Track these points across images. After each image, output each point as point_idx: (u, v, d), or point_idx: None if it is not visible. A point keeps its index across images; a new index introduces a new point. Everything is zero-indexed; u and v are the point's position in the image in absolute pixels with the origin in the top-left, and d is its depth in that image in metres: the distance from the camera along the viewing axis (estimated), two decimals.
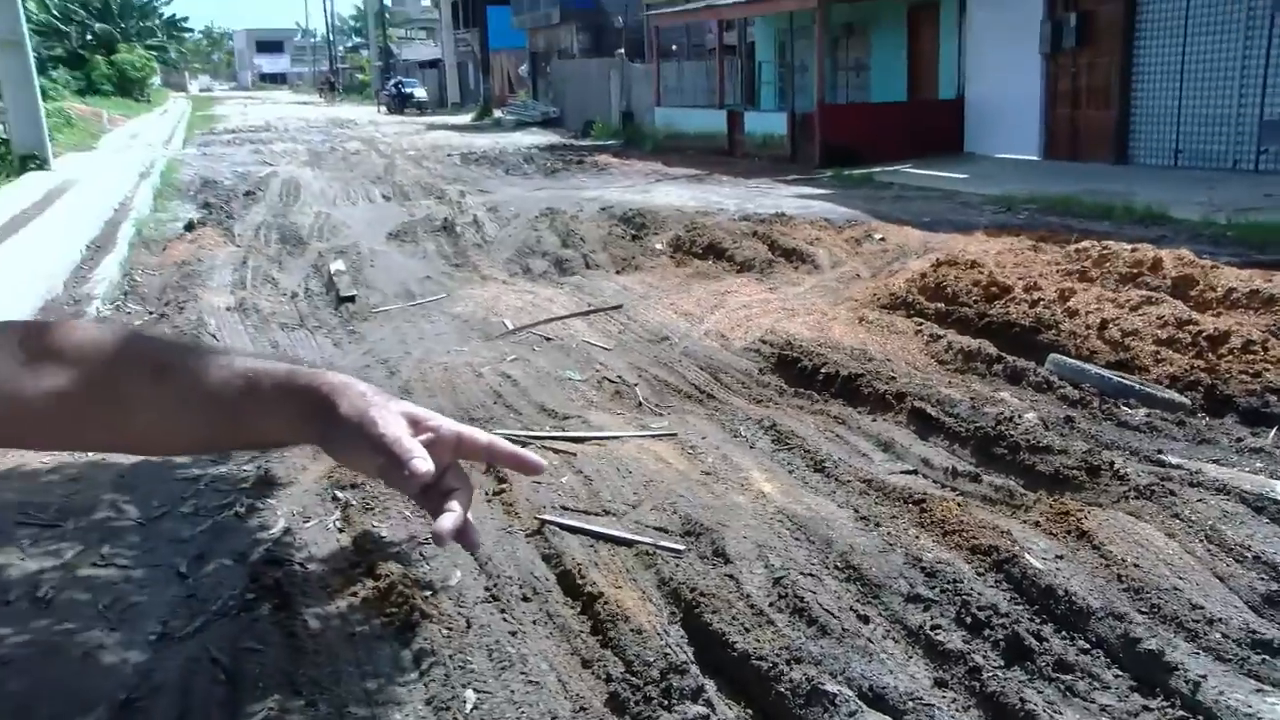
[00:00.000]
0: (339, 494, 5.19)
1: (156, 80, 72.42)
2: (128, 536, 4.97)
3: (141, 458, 5.17)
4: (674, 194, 18.09)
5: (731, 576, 4.28)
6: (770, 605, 4.07)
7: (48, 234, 13.23)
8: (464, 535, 1.10)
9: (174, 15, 79.05)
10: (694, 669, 3.68)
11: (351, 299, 9.87)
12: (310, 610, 4.17)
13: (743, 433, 5.96)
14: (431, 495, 1.12)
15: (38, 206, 15.63)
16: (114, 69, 57.89)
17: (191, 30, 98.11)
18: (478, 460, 1.19)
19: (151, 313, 9.53)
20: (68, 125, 29.71)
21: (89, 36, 61.03)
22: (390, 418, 1.12)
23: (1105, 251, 9.01)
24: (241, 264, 11.73)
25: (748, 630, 3.88)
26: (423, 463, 1.08)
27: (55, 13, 57.45)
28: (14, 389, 1.09)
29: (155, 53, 68.68)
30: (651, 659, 3.75)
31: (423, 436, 1.13)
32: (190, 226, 14.38)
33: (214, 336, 8.53)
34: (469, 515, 1.12)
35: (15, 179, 18.94)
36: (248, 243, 13.32)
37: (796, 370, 7.03)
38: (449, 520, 1.09)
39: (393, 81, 61.17)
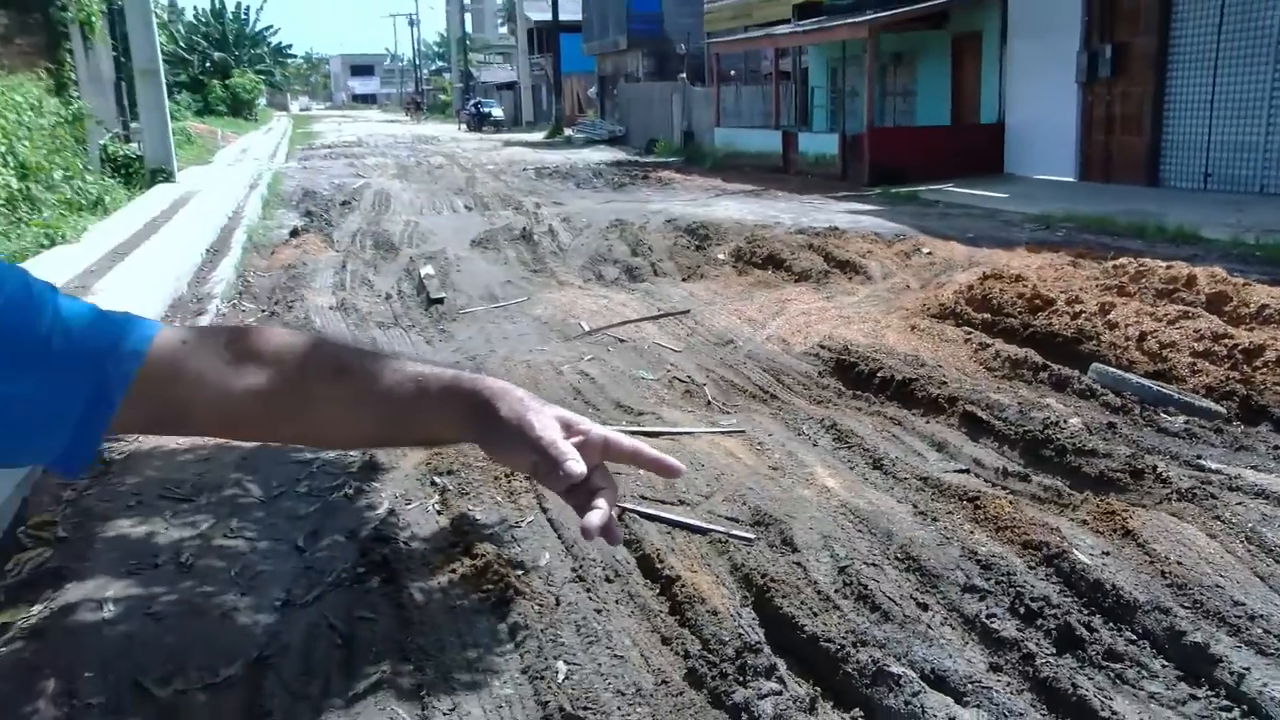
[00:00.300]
0: (437, 479, 5.22)
1: (263, 101, 73.36)
2: (252, 512, 5.05)
3: (260, 444, 5.22)
4: (733, 208, 18.03)
5: (799, 564, 4.27)
6: (836, 592, 4.05)
7: (174, 239, 13.44)
8: (609, 531, 1.11)
9: (280, 43, 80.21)
10: (766, 649, 3.67)
11: (440, 300, 9.93)
12: (415, 584, 4.20)
13: (805, 431, 5.94)
14: (579, 493, 1.13)
15: (165, 215, 15.89)
16: (228, 92, 59.11)
17: (294, 56, 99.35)
18: (624, 462, 1.20)
19: (263, 310, 9.65)
20: (188, 142, 30.28)
21: (208, 64, 62.37)
22: (546, 421, 1.15)
23: (1141, 268, 8.87)
24: (341, 267, 11.85)
25: (815, 614, 3.86)
26: (575, 464, 1.10)
27: (182, 44, 58.86)
28: (224, 388, 1.14)
29: (263, 76, 69.83)
30: (726, 638, 3.74)
31: (574, 439, 1.15)
32: (295, 233, 14.52)
33: (320, 333, 8.62)
34: (613, 512, 1.13)
35: (147, 190, 19.33)
36: (345, 248, 13.43)
37: (854, 374, 6.99)
38: (596, 517, 1.10)
39: (472, 102, 61.53)
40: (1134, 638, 3.71)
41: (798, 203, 19.03)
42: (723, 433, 5.88)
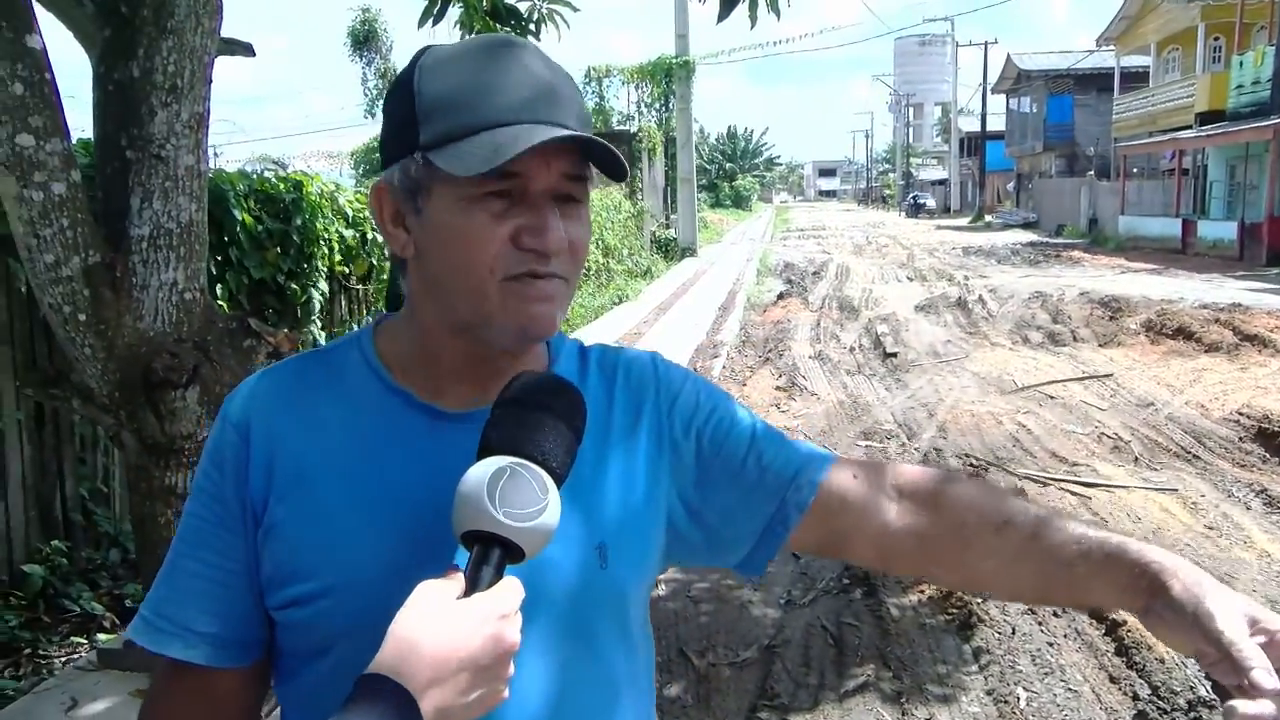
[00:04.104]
0: None
1: (755, 196, 75.80)
2: None
3: None
4: (1138, 283, 15.90)
5: None
6: None
7: (697, 299, 13.97)
8: None
9: (772, 156, 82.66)
10: (1220, 705, 2.94)
11: (894, 355, 9.45)
12: (890, 600, 3.84)
13: (1236, 494, 4.91)
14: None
15: (690, 281, 16.66)
16: (733, 190, 61.96)
17: (780, 164, 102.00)
18: None
19: (760, 356, 9.66)
20: (705, 227, 31.71)
21: (721, 171, 65.85)
22: (1230, 614, 0.77)
23: None
24: (816, 324, 11.68)
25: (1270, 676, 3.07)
26: (1266, 676, 0.72)
27: (705, 158, 62.55)
28: (884, 524, 0.91)
29: (757, 179, 72.26)
30: (1177, 688, 3.07)
31: (1258, 638, 0.76)
32: (780, 296, 14.58)
33: (803, 376, 8.45)
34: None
35: (679, 262, 20.63)
36: (818, 309, 13.26)
37: (1278, 442, 5.73)
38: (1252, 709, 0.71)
39: (911, 195, 59.71)
40: None
41: (1198, 280, 16.44)
42: (1156, 489, 4.99)
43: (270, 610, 0.83)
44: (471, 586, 0.67)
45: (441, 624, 0.64)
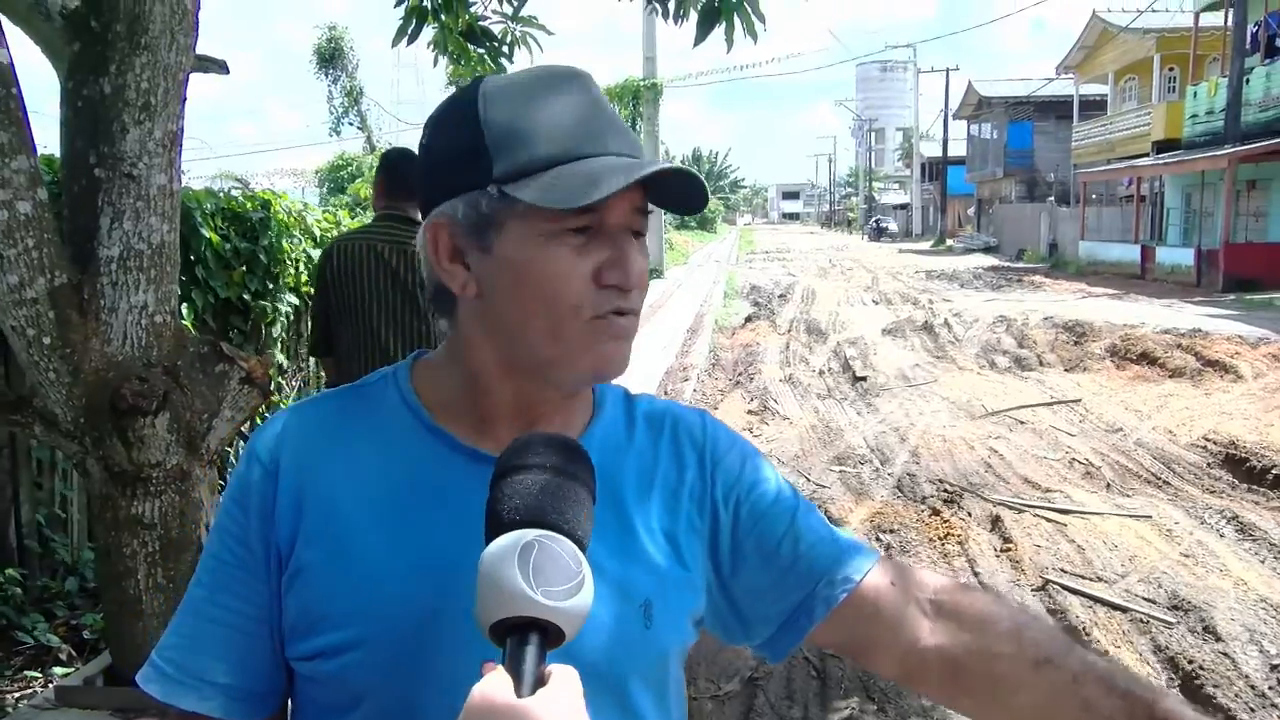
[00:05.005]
0: (880, 536, 4.81)
1: (720, 218, 76.32)
2: None
3: None
4: (1100, 308, 16.14)
5: (1226, 655, 3.46)
6: (1270, 689, 3.23)
7: (665, 322, 13.98)
8: None
9: (737, 178, 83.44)
10: None
11: (864, 378, 9.50)
12: None
13: (1208, 520, 4.96)
14: None
15: (658, 303, 16.63)
16: (698, 213, 62.08)
17: (745, 186, 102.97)
18: None
19: (730, 379, 9.66)
20: (670, 249, 31.73)
21: None
22: None
23: None
24: (785, 348, 11.70)
25: (1253, 710, 3.09)
26: None
27: None
28: (913, 641, 0.84)
29: (722, 200, 72.71)
30: None
31: None
32: (748, 319, 14.61)
33: (775, 400, 8.45)
34: None
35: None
36: (785, 332, 13.29)
37: (1245, 468, 5.82)
38: None
39: (873, 219, 60.43)
40: None
41: (1158, 306, 16.73)
42: (1130, 516, 5.02)
43: (292, 661, 0.78)
44: (519, 681, 0.59)
45: None
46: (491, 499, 0.66)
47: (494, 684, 0.59)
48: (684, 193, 0.79)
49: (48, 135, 3.02)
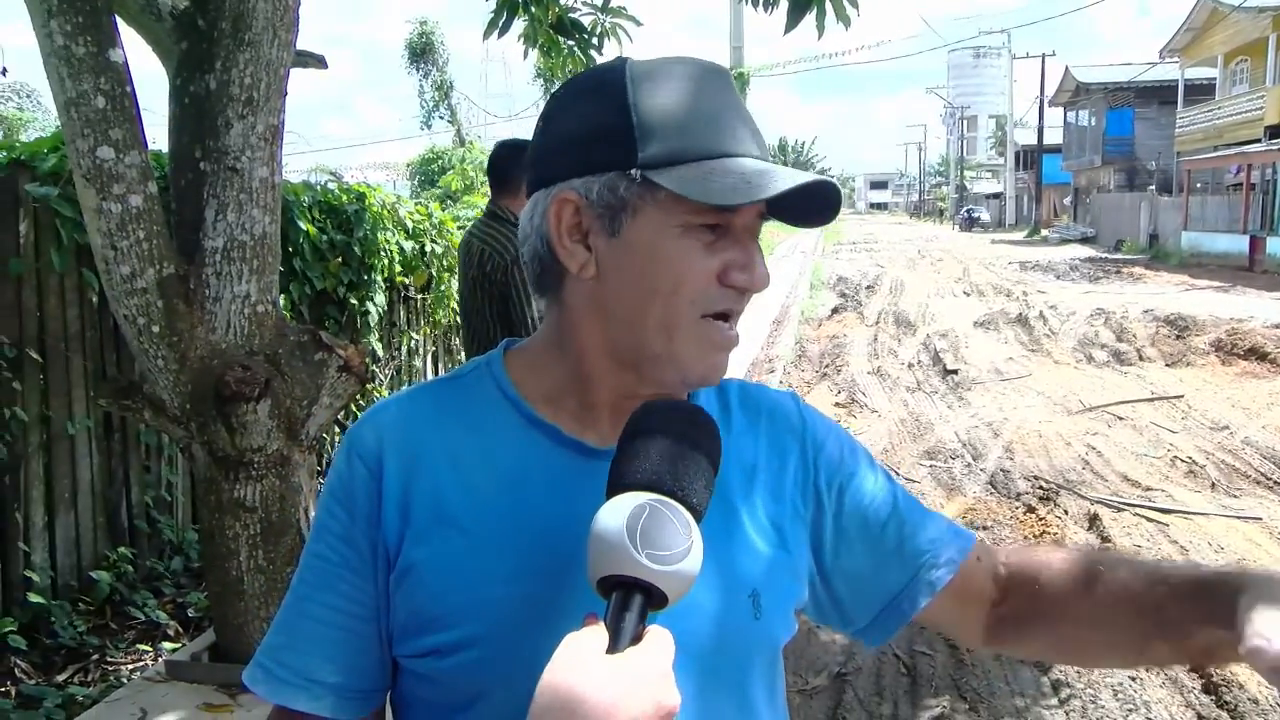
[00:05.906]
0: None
1: None
2: None
3: None
4: (1204, 301, 15.40)
5: None
6: None
7: (750, 312, 13.80)
8: None
9: (823, 168, 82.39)
10: None
11: (955, 371, 9.26)
12: None
13: None
14: None
15: None
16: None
17: (831, 175, 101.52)
18: None
19: (817, 371, 9.53)
20: None
21: None
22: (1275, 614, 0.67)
23: None
24: (872, 340, 11.49)
25: None
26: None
27: None
28: (994, 606, 0.90)
29: None
30: None
31: None
32: (834, 310, 14.39)
33: (862, 392, 8.30)
34: None
35: None
36: (873, 324, 13.04)
37: None
38: None
39: (965, 208, 58.90)
40: None
41: (1268, 299, 15.87)
42: (1238, 517, 4.78)
43: (401, 659, 0.78)
44: (615, 638, 0.61)
45: (600, 684, 0.57)
46: (615, 460, 0.68)
47: (588, 636, 0.60)
48: (804, 208, 0.78)
49: (157, 131, 3.14)
